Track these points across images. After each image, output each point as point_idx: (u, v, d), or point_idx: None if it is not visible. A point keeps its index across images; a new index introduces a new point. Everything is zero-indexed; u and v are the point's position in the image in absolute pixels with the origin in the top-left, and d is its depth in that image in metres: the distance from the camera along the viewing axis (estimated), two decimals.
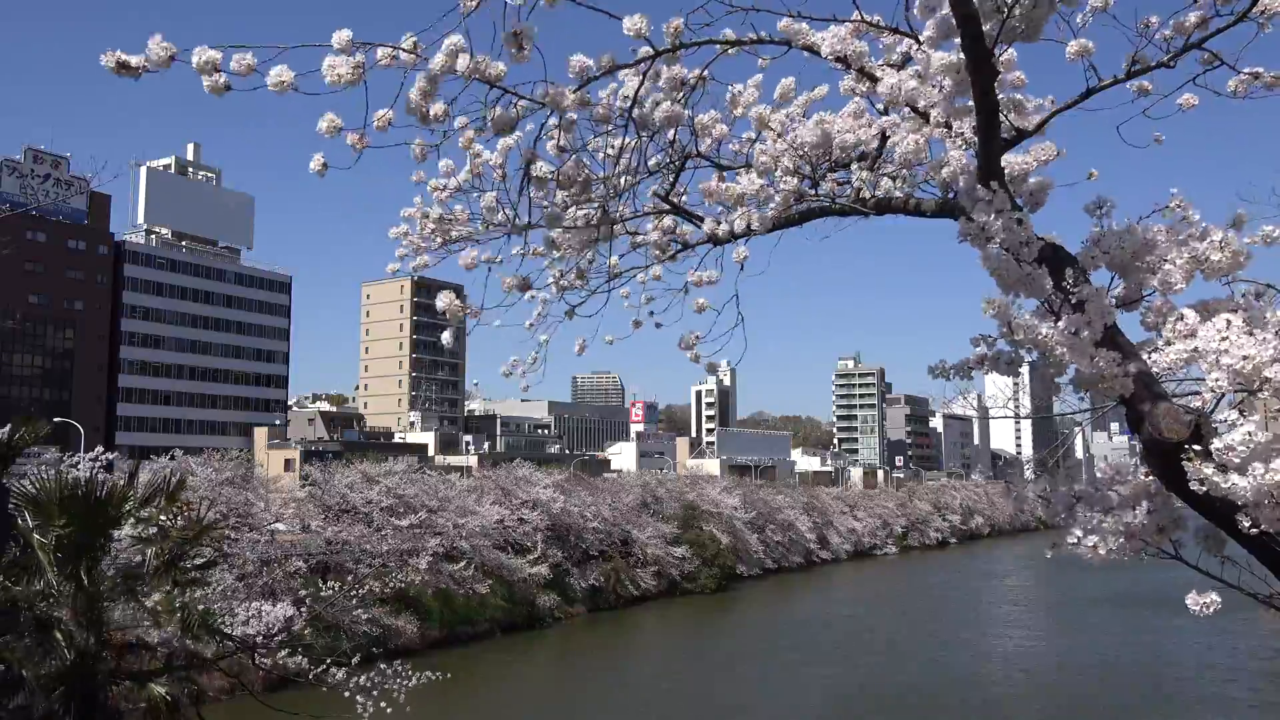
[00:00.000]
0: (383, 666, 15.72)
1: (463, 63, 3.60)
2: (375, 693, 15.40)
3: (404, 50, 3.58)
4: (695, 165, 4.93)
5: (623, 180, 4.64)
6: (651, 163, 4.80)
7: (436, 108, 3.70)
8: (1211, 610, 3.54)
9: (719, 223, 4.80)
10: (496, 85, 3.75)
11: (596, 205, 4.74)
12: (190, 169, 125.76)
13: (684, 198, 5.06)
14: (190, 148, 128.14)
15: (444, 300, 4.78)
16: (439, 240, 4.93)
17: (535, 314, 5.02)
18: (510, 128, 3.94)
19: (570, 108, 3.95)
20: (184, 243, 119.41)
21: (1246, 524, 3.15)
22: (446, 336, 5.19)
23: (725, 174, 4.89)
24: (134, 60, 3.37)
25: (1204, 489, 3.15)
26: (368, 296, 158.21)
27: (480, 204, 4.76)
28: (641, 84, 4.15)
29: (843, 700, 32.04)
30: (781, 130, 4.56)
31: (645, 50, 3.94)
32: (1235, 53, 3.96)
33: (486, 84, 3.74)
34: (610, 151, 4.61)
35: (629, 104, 4.25)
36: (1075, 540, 3.73)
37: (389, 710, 15.52)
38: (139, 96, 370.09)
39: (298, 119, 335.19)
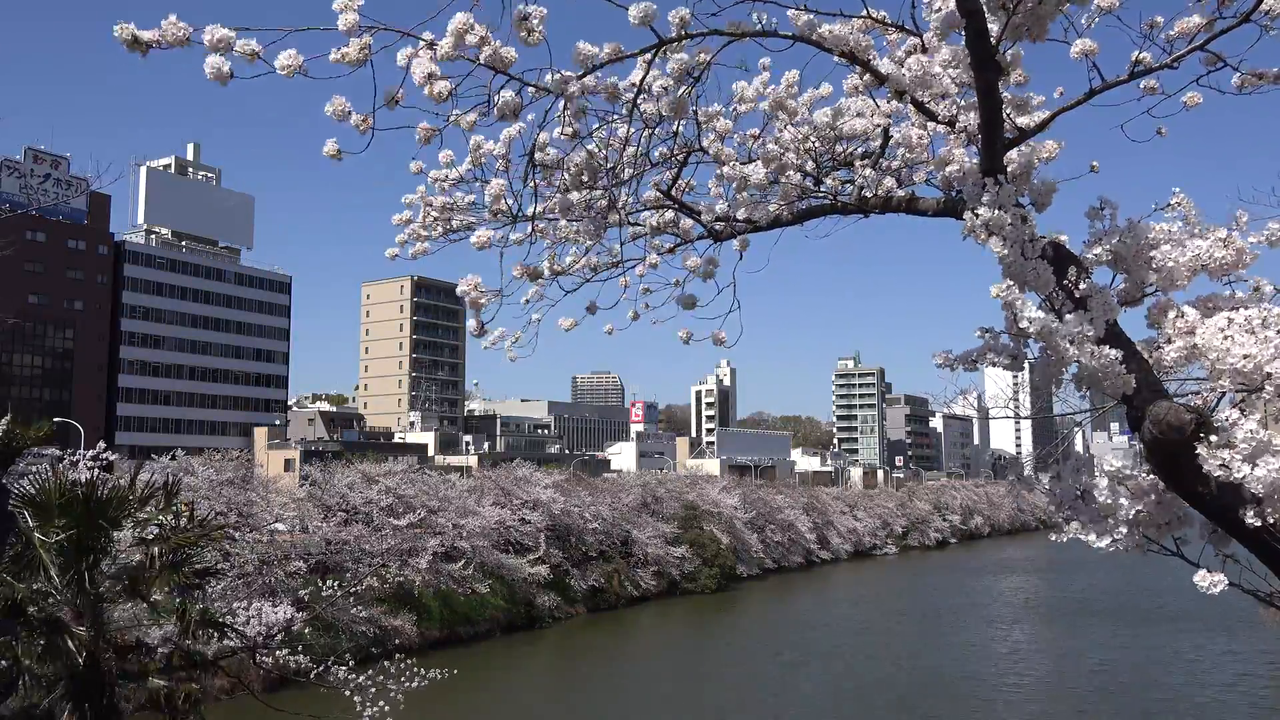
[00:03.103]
0: (385, 664, 15.72)
1: (474, 39, 3.60)
2: (374, 691, 15.40)
3: (413, 35, 3.58)
4: (698, 160, 4.94)
5: (627, 171, 4.64)
6: (655, 154, 4.80)
7: (441, 85, 3.69)
8: (1219, 590, 3.54)
9: (717, 216, 4.80)
10: (503, 72, 3.76)
11: (602, 194, 4.74)
12: (190, 169, 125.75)
13: (692, 189, 5.06)
14: (190, 148, 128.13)
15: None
16: (439, 229, 4.94)
17: (531, 292, 4.99)
18: (515, 113, 3.94)
19: (576, 94, 3.95)
20: (184, 243, 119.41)
21: (1251, 517, 3.15)
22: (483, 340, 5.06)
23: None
24: (147, 35, 3.36)
25: (1219, 475, 3.15)
26: (368, 296, 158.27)
27: (486, 194, 4.76)
28: (646, 74, 4.15)
29: (841, 702, 32.04)
30: (790, 119, 4.57)
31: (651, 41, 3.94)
32: (1239, 54, 3.97)
33: (492, 70, 3.74)
34: (614, 143, 4.61)
35: (634, 93, 4.24)
36: (1078, 532, 3.73)
37: (389, 710, 15.51)
38: (139, 96, 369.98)
39: (298, 119, 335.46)
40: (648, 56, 4.06)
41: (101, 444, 17.17)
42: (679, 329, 5.01)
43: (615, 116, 4.48)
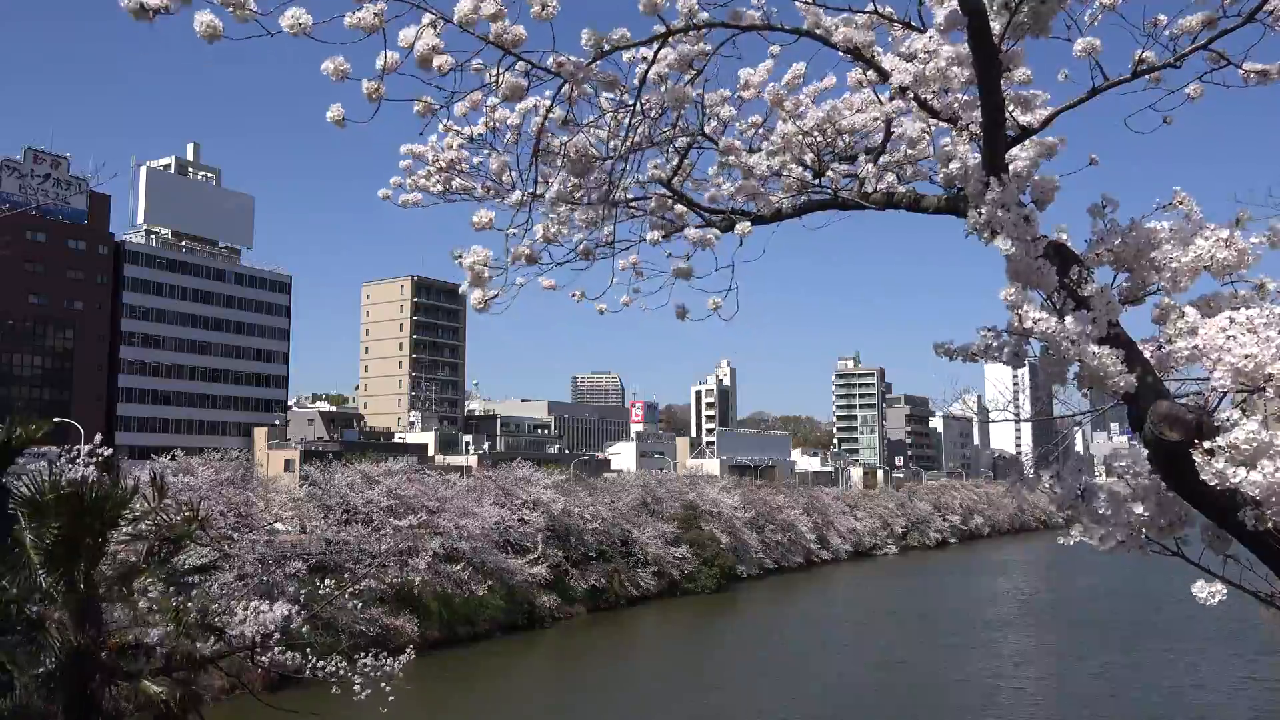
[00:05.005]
0: (381, 654, 15.73)
1: (489, 9, 3.51)
2: (376, 689, 15.38)
3: (426, 8, 3.53)
4: (700, 148, 4.91)
5: (627, 157, 4.61)
6: (659, 137, 4.77)
7: (442, 59, 3.63)
8: (1216, 600, 3.54)
9: (717, 210, 4.79)
10: (510, 52, 3.70)
11: (602, 182, 4.70)
12: (190, 169, 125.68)
13: (691, 174, 5.03)
14: (190, 148, 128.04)
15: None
16: (439, 185, 4.89)
17: (521, 253, 4.83)
18: (520, 96, 3.90)
19: (583, 80, 3.91)
20: (184, 243, 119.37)
21: (1250, 520, 3.14)
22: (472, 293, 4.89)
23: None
24: (153, 1, 3.33)
25: (1216, 482, 3.14)
26: (368, 296, 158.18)
27: (490, 165, 4.72)
28: (652, 62, 4.12)
29: (841, 703, 32.02)
30: (792, 112, 4.55)
31: (658, 28, 3.89)
32: (1241, 53, 3.95)
33: (500, 48, 3.68)
34: (616, 127, 4.58)
35: (639, 82, 4.21)
36: (1081, 532, 3.72)
37: (389, 710, 15.49)
38: (139, 96, 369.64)
39: (297, 119, 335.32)
40: (654, 46, 4.04)
41: (99, 436, 17.08)
42: (673, 314, 4.91)
43: (618, 104, 4.45)
